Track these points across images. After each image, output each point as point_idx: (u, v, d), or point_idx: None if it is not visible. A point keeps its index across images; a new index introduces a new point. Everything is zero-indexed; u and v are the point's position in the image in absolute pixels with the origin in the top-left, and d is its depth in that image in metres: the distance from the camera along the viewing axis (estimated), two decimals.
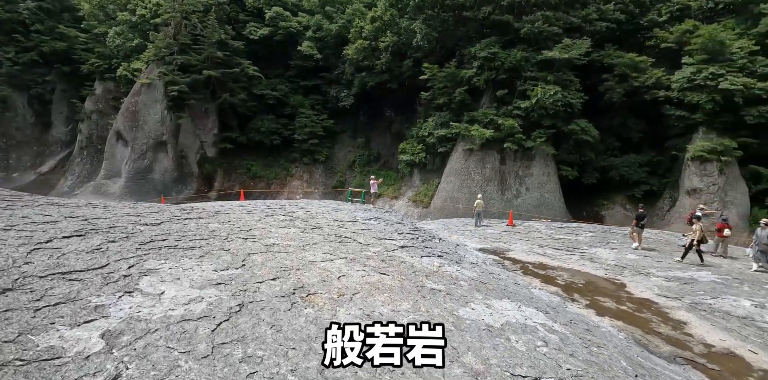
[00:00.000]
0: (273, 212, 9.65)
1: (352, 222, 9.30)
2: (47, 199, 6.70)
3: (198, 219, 7.46)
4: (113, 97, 47.26)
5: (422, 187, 39.23)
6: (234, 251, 5.38)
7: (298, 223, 8.44)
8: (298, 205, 12.15)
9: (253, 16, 47.26)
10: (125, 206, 7.85)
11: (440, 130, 34.89)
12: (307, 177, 45.95)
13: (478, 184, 33.86)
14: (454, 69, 33.82)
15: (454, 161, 34.94)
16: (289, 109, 45.86)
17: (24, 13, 46.37)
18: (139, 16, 45.88)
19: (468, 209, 33.53)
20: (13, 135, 47.01)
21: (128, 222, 5.93)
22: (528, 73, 31.80)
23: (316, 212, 10.26)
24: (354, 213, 11.21)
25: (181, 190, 42.42)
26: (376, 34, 39.87)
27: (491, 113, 32.77)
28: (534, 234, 14.31)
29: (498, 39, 32.92)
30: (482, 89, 33.83)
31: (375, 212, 12.48)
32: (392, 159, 46.29)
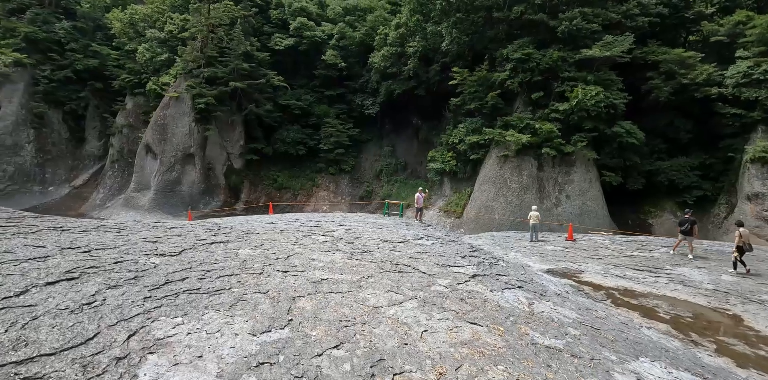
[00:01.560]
0: (309, 231, 8.35)
1: (403, 244, 7.88)
2: (51, 222, 5.62)
3: (226, 243, 6.21)
4: (143, 111, 47.91)
5: (453, 197, 37.52)
6: (274, 294, 4.04)
7: (342, 246, 7.09)
8: (335, 221, 10.84)
9: (278, 28, 47.27)
10: (143, 227, 6.70)
11: (472, 137, 33.25)
12: (334, 187, 44.98)
13: (514, 192, 31.93)
14: (485, 72, 32.27)
15: (488, 168, 33.16)
16: (314, 118, 45.26)
17: (60, 33, 47.87)
18: (167, 32, 46.61)
19: (505, 219, 31.70)
20: (49, 150, 48.20)
21: (141, 253, 4.70)
22: (566, 74, 29.93)
23: (359, 230, 8.90)
24: (399, 230, 9.79)
25: (209, 202, 42.17)
26: (401, 41, 38.87)
27: (527, 117, 30.96)
28: (602, 251, 12.50)
29: (531, 39, 31.26)
30: (516, 92, 32.09)
31: (421, 228, 11.05)
32: (420, 167, 44.86)
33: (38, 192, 46.33)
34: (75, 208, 45.39)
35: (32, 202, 45.18)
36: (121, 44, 50.45)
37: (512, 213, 32.10)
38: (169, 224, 7.54)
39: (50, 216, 6.35)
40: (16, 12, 47.26)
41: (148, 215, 39.77)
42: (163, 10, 50.17)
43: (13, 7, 47.18)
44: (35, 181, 46.55)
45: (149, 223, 7.36)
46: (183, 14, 47.52)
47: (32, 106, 46.15)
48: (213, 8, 42.73)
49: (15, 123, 45.17)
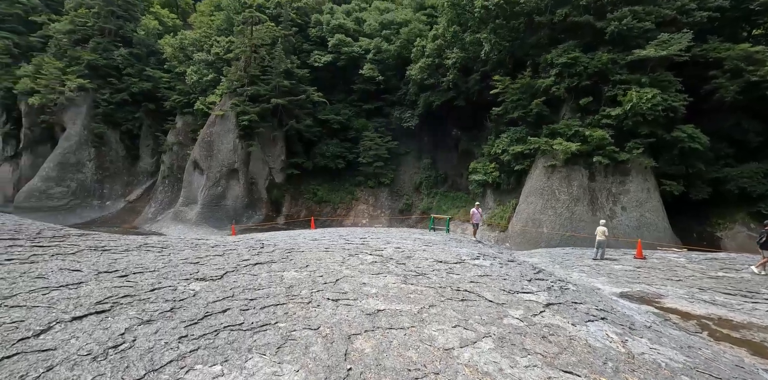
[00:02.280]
0: (356, 249, 7.76)
1: (460, 265, 7.10)
2: (94, 241, 5.40)
3: (270, 264, 5.73)
4: (191, 130, 50.22)
5: (497, 209, 36.02)
6: (327, 331, 3.44)
7: (393, 267, 6.43)
8: (381, 238, 10.23)
9: (317, 45, 48.41)
10: (186, 246, 6.39)
11: (516, 146, 31.92)
12: (373, 200, 44.66)
13: (563, 204, 30.11)
14: (528, 79, 31.06)
15: (534, 179, 31.57)
16: (353, 132, 45.50)
17: (118, 59, 51.56)
18: (213, 55, 48.97)
19: (554, 233, 29.87)
20: (107, 167, 51.47)
21: (181, 277, 4.28)
22: (617, 77, 28.17)
23: (408, 248, 8.22)
24: (451, 248, 9.01)
25: (252, 216, 43.07)
26: (439, 52, 38.47)
27: (575, 124, 29.32)
28: (680, 271, 11.03)
29: (577, 43, 29.82)
30: (562, 99, 30.58)
31: (475, 246, 10.20)
32: (460, 179, 43.70)
33: (97, 206, 49.36)
34: (129, 222, 47.85)
35: (92, 216, 48.15)
36: (171, 67, 53.52)
37: (562, 226, 30.24)
38: (212, 242, 7.22)
39: (96, 234, 6.18)
40: (81, 42, 51.48)
41: (195, 228, 41.08)
42: (210, 34, 52.89)
43: (78, 37, 51.46)
44: (95, 195, 49.67)
45: (192, 241, 7.07)
46: (228, 37, 49.83)
47: (93, 127, 49.62)
48: (256, 30, 44.48)
49: (78, 142, 48.68)
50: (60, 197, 46.70)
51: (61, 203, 46.67)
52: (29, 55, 52.94)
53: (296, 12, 49.28)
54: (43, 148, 50.95)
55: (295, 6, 49.56)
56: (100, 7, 52.57)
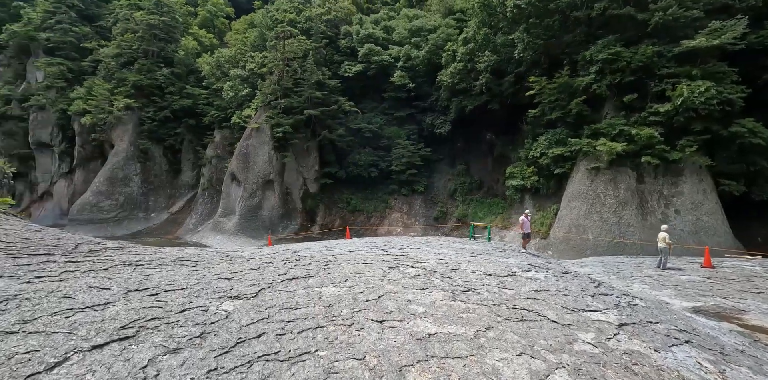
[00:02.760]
0: (396, 261, 7.28)
1: (511, 278, 6.46)
2: (129, 255, 5.24)
3: (306, 278, 5.36)
4: (229, 143, 51.86)
5: (537, 215, 34.51)
6: (374, 362, 2.97)
7: (439, 281, 5.89)
8: (420, 248, 9.70)
9: (347, 56, 48.97)
10: (221, 259, 6.14)
11: (555, 149, 30.54)
12: (407, 208, 44.11)
13: (610, 208, 28.35)
14: (566, 78, 29.76)
15: (577, 183, 30.00)
16: (385, 140, 45.35)
17: (160, 79, 54.32)
18: (248, 70, 50.58)
19: (600, 240, 28.13)
20: (152, 181, 53.96)
21: (214, 295, 3.96)
22: (664, 71, 26.41)
23: (451, 260, 7.65)
24: (498, 259, 8.35)
25: (287, 226, 43.59)
26: (470, 56, 37.76)
27: (620, 123, 27.68)
28: (759, 282, 9.75)
29: (617, 37, 28.32)
30: (604, 97, 29.02)
31: (521, 256, 9.47)
32: (497, 185, 42.41)
33: (143, 218, 51.69)
34: (172, 232, 49.71)
35: (138, 227, 50.44)
36: (209, 84, 55.76)
37: (609, 232, 28.48)
38: (247, 254, 6.96)
39: (132, 247, 6.05)
40: (127, 64, 54.72)
41: (233, 238, 42.01)
42: (244, 51, 54.80)
43: (124, 60, 54.77)
44: (140, 208, 52.07)
45: (228, 253, 6.84)
46: (261, 52, 51.40)
47: (139, 143, 52.28)
48: (288, 44, 45.58)
49: (125, 158, 51.37)
50: (109, 210, 49.24)
51: (111, 216, 49.19)
52: (81, 78, 56.79)
53: (326, 24, 50.19)
54: (94, 164, 54.17)
55: (324, 19, 50.51)
56: (143, 31, 55.75)
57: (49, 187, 58.07)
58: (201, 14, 74.16)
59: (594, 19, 30.05)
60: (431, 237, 14.65)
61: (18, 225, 6.18)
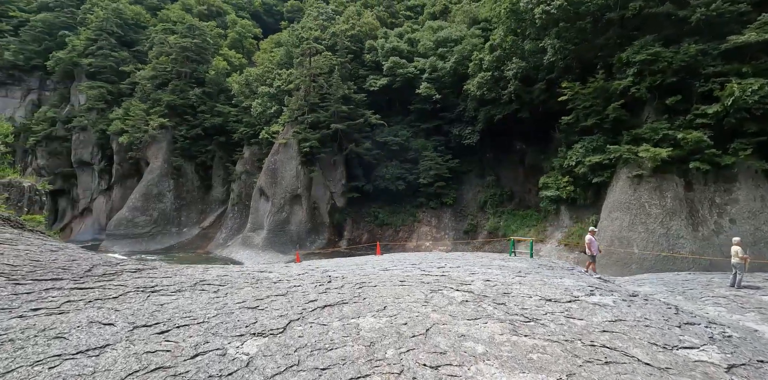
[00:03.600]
0: (437, 282, 6.49)
1: (575, 303, 5.56)
2: (146, 279, 4.73)
3: (341, 305, 4.67)
4: (258, 159, 52.67)
5: (574, 227, 32.76)
6: None
7: (492, 308, 5.06)
8: (460, 266, 8.86)
9: (372, 70, 49.17)
10: (246, 282, 5.55)
11: (592, 157, 29.02)
12: (436, 222, 43.02)
13: (656, 219, 26.44)
14: (601, 82, 28.45)
15: (618, 192, 28.27)
16: (412, 153, 44.75)
17: (192, 98, 56.23)
18: (275, 87, 51.60)
19: (647, 253, 26.17)
20: (184, 197, 55.32)
21: (234, 331, 3.32)
22: (710, 69, 24.77)
23: (499, 280, 6.78)
24: (551, 280, 7.41)
25: (315, 240, 43.31)
26: (497, 64, 36.98)
27: (663, 127, 26.02)
28: None
29: (655, 37, 26.92)
30: (644, 100, 27.49)
31: (575, 276, 8.47)
32: (529, 196, 40.84)
33: (175, 233, 52.80)
34: (202, 247, 50.44)
35: (170, 242, 51.50)
36: (238, 102, 57.25)
37: (656, 245, 26.51)
38: (275, 275, 6.36)
39: (152, 270, 5.56)
40: (161, 85, 57.03)
41: (262, 253, 42.04)
42: (272, 69, 56.12)
43: (159, 81, 57.15)
44: (173, 223, 53.28)
45: (254, 275, 6.26)
46: (288, 69, 52.44)
47: (172, 161, 53.88)
48: (314, 60, 46.28)
49: (160, 175, 52.97)
50: (144, 225, 50.58)
51: (145, 231, 50.48)
52: (120, 100, 59.62)
53: (350, 40, 50.74)
54: (131, 181, 56.15)
55: (349, 34, 51.13)
56: (177, 54, 58.17)
57: (89, 203, 60.54)
58: (230, 36, 77.00)
59: (628, 19, 28.83)
60: (467, 253, 13.73)
61: (36, 244, 5.82)
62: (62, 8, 75.05)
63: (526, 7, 31.30)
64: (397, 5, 71.39)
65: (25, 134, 62.65)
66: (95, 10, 70.20)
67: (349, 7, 65.33)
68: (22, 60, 67.46)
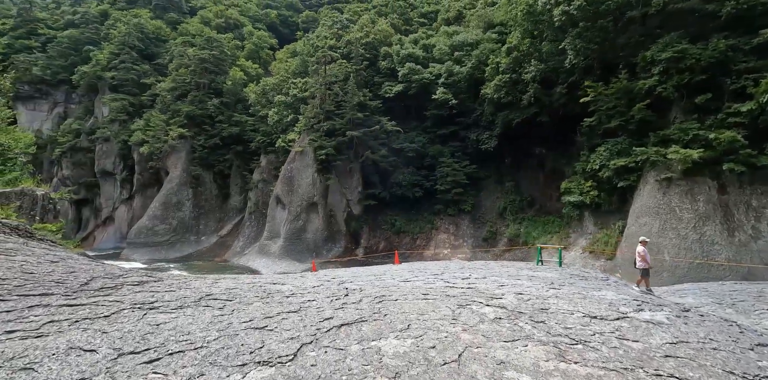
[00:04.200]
0: (463, 296, 5.91)
1: (625, 322, 4.89)
2: (146, 294, 4.31)
3: (359, 324, 4.14)
4: (274, 167, 52.92)
5: (599, 234, 31.50)
6: None
7: (530, 327, 4.45)
8: (486, 276, 8.23)
9: (387, 77, 49.03)
10: (255, 297, 5.09)
11: (617, 160, 27.90)
12: (454, 229, 42.12)
13: (688, 224, 25.09)
14: (624, 82, 27.46)
15: (645, 197, 27.03)
16: (429, 159, 44.18)
17: (210, 109, 57.14)
18: (291, 96, 51.97)
19: (679, 261, 24.80)
20: (203, 205, 55.91)
21: (236, 359, 2.85)
22: (741, 65, 23.60)
23: (532, 293, 6.15)
24: (589, 291, 6.72)
25: (331, 249, 42.92)
26: (514, 67, 36.29)
27: (693, 127, 24.82)
28: None
29: (681, 33, 25.88)
30: (671, 99, 26.36)
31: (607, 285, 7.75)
32: (550, 202, 39.62)
33: (194, 241, 53.25)
34: (220, 255, 50.65)
35: (189, 250, 51.91)
36: (255, 111, 57.91)
37: (689, 251, 25.13)
38: (287, 288, 5.89)
39: (156, 283, 5.16)
40: (181, 96, 58.17)
41: (278, 261, 41.85)
42: (287, 78, 56.63)
43: (178, 93, 58.32)
44: (192, 231, 53.77)
45: (266, 288, 5.80)
46: (303, 78, 52.83)
47: (191, 170, 54.62)
48: (329, 68, 46.47)
49: (179, 184, 53.71)
50: (163, 233, 51.17)
51: (165, 239, 51.05)
52: (141, 111, 61.02)
53: (365, 47, 50.83)
54: (151, 191, 57.10)
55: (363, 42, 51.25)
56: (195, 65, 59.36)
57: (112, 212, 61.78)
58: (247, 47, 78.41)
59: (650, 17, 27.90)
60: (491, 262, 13.03)
61: (38, 254, 5.50)
62: (87, 24, 77.88)
63: (543, 8, 30.69)
64: (411, 13, 71.60)
65: (52, 145, 64.67)
66: (118, 25, 72.60)
67: (364, 15, 65.80)
68: (49, 75, 69.97)
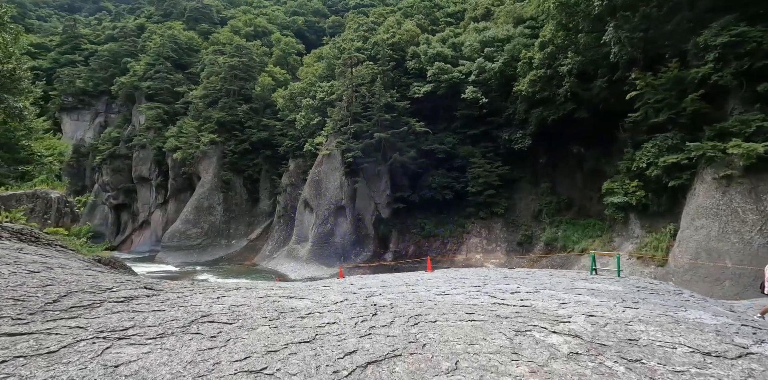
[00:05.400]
0: (519, 317, 4.76)
1: (753, 361, 3.61)
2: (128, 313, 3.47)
3: (391, 361, 3.10)
4: (302, 171, 52.90)
5: (647, 238, 29.08)
6: None
7: (623, 370, 3.28)
8: (539, 290, 7.00)
9: (415, 77, 47.99)
10: (264, 318, 4.16)
11: (668, 157, 25.62)
12: (486, 233, 40.38)
13: (753, 226, 22.54)
14: (675, 72, 25.21)
15: (701, 197, 24.59)
16: (459, 160, 42.66)
17: (240, 114, 58.00)
18: (318, 99, 51.88)
19: (744, 267, 22.28)
20: (233, 210, 56.63)
21: None
22: None
23: (609, 316, 4.89)
24: (676, 312, 5.39)
25: (359, 253, 42.12)
26: (549, 61, 34.42)
27: (756, 118, 22.35)
28: None
29: (738, 16, 23.49)
30: (729, 88, 23.93)
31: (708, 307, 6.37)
32: (590, 204, 37.27)
33: (224, 245, 53.89)
34: (249, 259, 50.91)
35: (220, 254, 52.53)
36: (283, 116, 58.27)
37: (755, 257, 22.50)
38: (304, 305, 4.93)
39: (148, 297, 4.33)
40: (212, 103, 59.36)
41: (306, 266, 41.42)
42: (314, 82, 56.67)
43: (209, 100, 59.57)
44: (222, 235, 54.48)
45: (279, 304, 4.88)
46: (330, 81, 52.66)
47: (222, 175, 55.47)
48: (355, 70, 45.96)
49: (210, 189, 54.60)
50: (195, 237, 52.04)
51: (197, 242, 51.90)
52: (175, 119, 62.72)
53: (392, 48, 50.04)
54: (184, 195, 58.42)
55: (390, 43, 50.49)
56: (226, 73, 60.51)
57: (148, 216, 63.68)
58: (275, 53, 79.50)
59: (699, 0, 25.57)
60: (537, 270, 11.68)
61: (23, 263, 4.81)
62: (125, 38, 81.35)
63: None
64: (437, 13, 70.29)
65: (93, 153, 67.55)
66: (153, 37, 75.35)
67: (389, 17, 65.16)
68: (91, 86, 73.37)
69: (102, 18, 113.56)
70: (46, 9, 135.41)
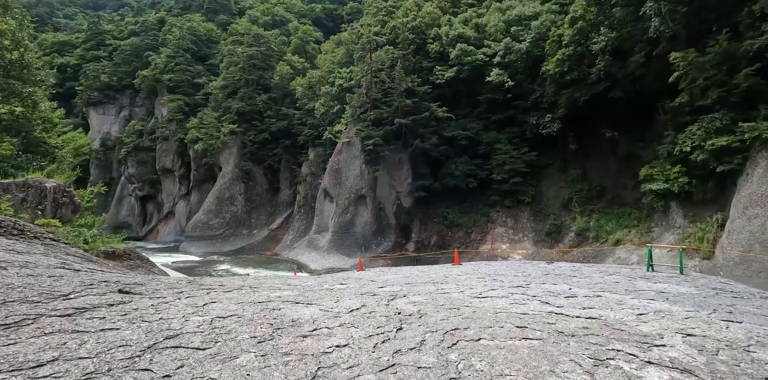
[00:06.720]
0: (591, 337, 3.66)
1: None
2: (72, 332, 2.56)
3: None
4: (322, 160, 52.24)
5: (691, 228, 26.98)
6: None
7: None
8: (602, 296, 5.79)
9: (437, 61, 46.06)
10: (254, 334, 3.18)
11: (716, 139, 23.42)
12: (512, 222, 38.73)
13: None
14: (725, 45, 22.80)
15: (755, 183, 22.38)
16: (483, 147, 40.83)
17: (259, 104, 57.59)
18: (337, 86, 50.73)
19: None
20: (254, 200, 56.71)
21: None
22: None
23: (713, 336, 3.68)
24: None
25: (380, 243, 41.30)
26: (580, 38, 32.05)
27: None
28: None
29: None
30: None
31: None
32: (624, 191, 35.04)
33: (246, 234, 54.15)
34: (271, 248, 50.96)
35: (241, 243, 52.83)
36: (302, 105, 57.50)
37: None
38: (309, 316, 3.94)
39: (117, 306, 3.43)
40: (231, 94, 59.10)
41: (327, 256, 40.95)
42: (333, 69, 55.44)
43: (229, 91, 59.34)
44: (244, 225, 54.72)
45: (278, 315, 3.91)
46: (349, 68, 51.32)
47: (242, 165, 55.47)
48: (375, 55, 44.43)
49: (231, 179, 54.73)
50: (217, 227, 52.44)
51: (219, 232, 52.30)
52: (196, 110, 62.90)
53: (412, 31, 48.11)
54: (206, 186, 58.83)
55: (410, 26, 48.55)
56: (244, 62, 60.00)
57: (172, 207, 64.68)
58: (293, 42, 78.45)
59: None
60: (582, 265, 10.39)
61: None
62: (147, 32, 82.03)
63: None
64: None
65: (119, 146, 68.80)
66: (173, 30, 75.45)
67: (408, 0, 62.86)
68: (116, 81, 74.49)
69: (125, 13, 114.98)
70: (72, 7, 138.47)
